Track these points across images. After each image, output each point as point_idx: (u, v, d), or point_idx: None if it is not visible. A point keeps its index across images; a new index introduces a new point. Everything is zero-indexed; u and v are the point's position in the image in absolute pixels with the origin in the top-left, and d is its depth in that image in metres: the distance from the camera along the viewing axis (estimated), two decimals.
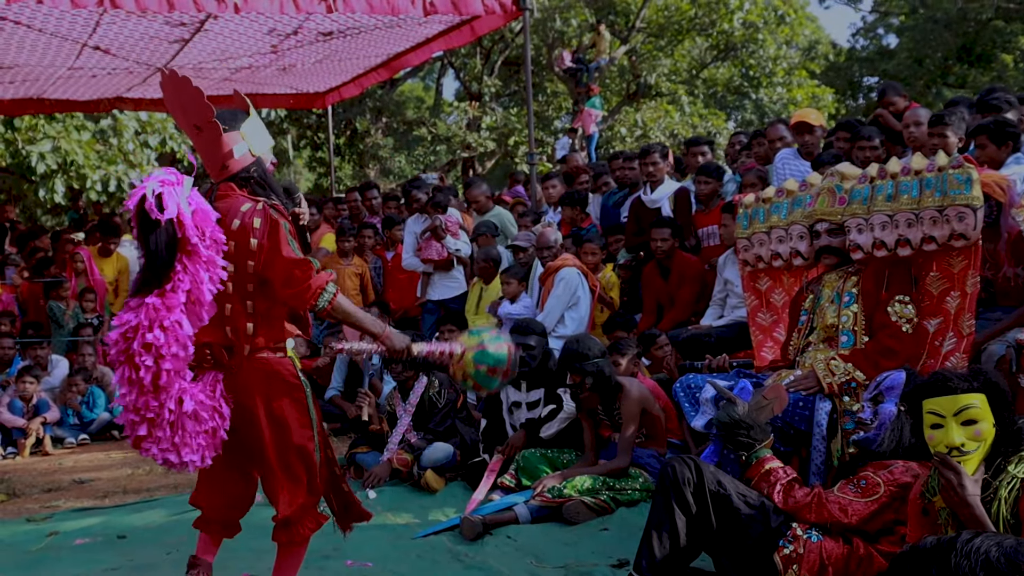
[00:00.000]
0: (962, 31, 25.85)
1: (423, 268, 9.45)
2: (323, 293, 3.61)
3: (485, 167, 23.47)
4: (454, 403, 6.98)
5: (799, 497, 3.75)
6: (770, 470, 3.87)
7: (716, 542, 3.87)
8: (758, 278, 5.44)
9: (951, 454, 3.10)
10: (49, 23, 8.85)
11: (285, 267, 3.60)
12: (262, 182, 3.79)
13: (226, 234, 3.55)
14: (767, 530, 3.73)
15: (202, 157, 3.81)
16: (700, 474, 3.85)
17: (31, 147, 13.19)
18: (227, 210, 3.62)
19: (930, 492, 3.27)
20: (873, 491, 3.61)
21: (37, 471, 7.95)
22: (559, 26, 21.10)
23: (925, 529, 3.31)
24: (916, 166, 4.51)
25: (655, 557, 3.86)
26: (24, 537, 5.70)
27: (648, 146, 8.93)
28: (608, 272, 8.46)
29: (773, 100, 24.04)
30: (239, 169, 3.74)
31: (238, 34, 9.74)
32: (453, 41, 10.68)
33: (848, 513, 3.62)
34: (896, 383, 3.90)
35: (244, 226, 3.61)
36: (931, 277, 4.53)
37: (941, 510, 3.22)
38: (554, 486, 5.44)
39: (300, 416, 3.80)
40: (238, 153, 3.72)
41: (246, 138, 3.75)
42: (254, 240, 3.60)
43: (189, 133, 3.77)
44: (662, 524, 3.87)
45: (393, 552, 4.99)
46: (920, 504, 3.32)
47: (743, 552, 3.78)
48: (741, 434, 3.95)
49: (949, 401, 3.15)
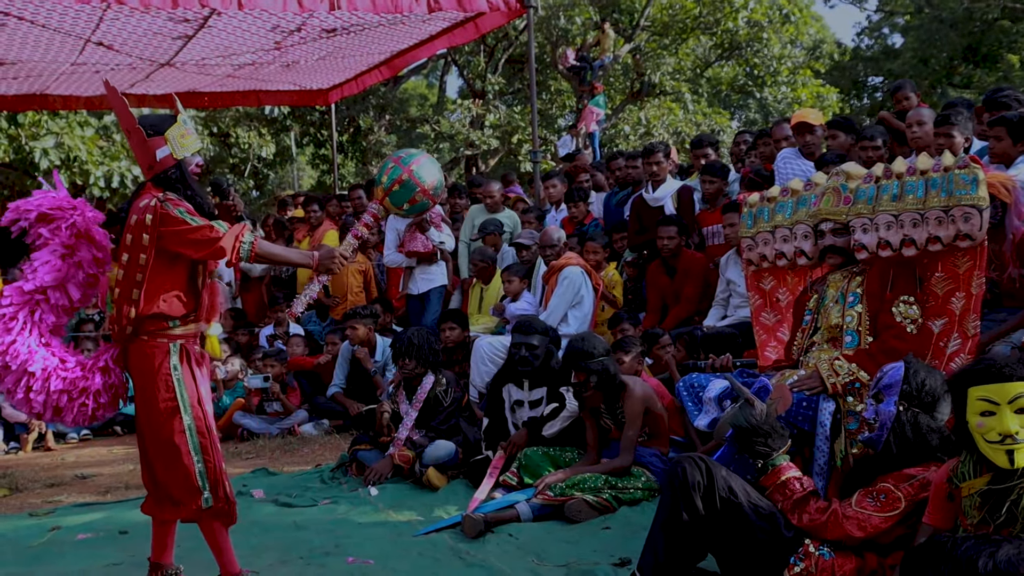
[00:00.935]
0: (968, 31, 25.82)
1: (406, 263, 9.42)
2: (242, 244, 4.05)
3: (488, 165, 23.45)
4: (459, 402, 6.97)
5: (814, 513, 3.68)
6: (787, 481, 3.80)
7: (724, 548, 3.85)
8: (762, 277, 5.42)
9: (1004, 442, 3.07)
10: (52, 19, 8.84)
11: (189, 238, 4.02)
12: (181, 182, 4.19)
13: (127, 228, 4.07)
14: (778, 543, 3.69)
15: (136, 157, 4.31)
16: (711, 478, 3.79)
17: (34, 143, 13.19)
18: (134, 207, 4.11)
19: (958, 478, 3.25)
20: (892, 506, 3.57)
21: (39, 466, 7.96)
22: (563, 24, 21.07)
23: (948, 514, 3.31)
24: (922, 166, 4.49)
25: (660, 558, 3.85)
26: (26, 532, 5.71)
27: (651, 145, 8.93)
28: (611, 270, 8.46)
29: (777, 99, 24.02)
30: (160, 171, 4.14)
31: (242, 30, 9.73)
32: (457, 38, 10.67)
33: (866, 530, 3.58)
34: (894, 380, 3.79)
35: (139, 221, 4.04)
36: (936, 278, 4.50)
37: (965, 498, 3.21)
38: (556, 484, 5.43)
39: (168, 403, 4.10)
40: (160, 155, 4.12)
41: (169, 142, 4.11)
42: (146, 236, 4.02)
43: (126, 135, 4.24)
44: (668, 526, 3.84)
45: (394, 550, 4.98)
46: (946, 489, 3.31)
47: (751, 562, 3.75)
48: (759, 441, 3.87)
49: (1003, 388, 3.09)
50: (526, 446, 6.10)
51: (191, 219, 4.05)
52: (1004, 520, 3.09)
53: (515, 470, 5.94)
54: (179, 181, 4.19)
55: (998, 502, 3.12)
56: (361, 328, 8.36)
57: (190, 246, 4.06)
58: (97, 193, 14.00)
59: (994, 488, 3.14)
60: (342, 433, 8.41)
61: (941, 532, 3.25)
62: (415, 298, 9.42)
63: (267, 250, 4.20)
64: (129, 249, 4.07)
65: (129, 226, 4.08)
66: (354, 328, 8.36)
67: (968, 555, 2.70)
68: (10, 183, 15.98)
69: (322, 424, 8.78)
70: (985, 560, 2.65)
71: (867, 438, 3.86)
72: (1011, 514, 3.08)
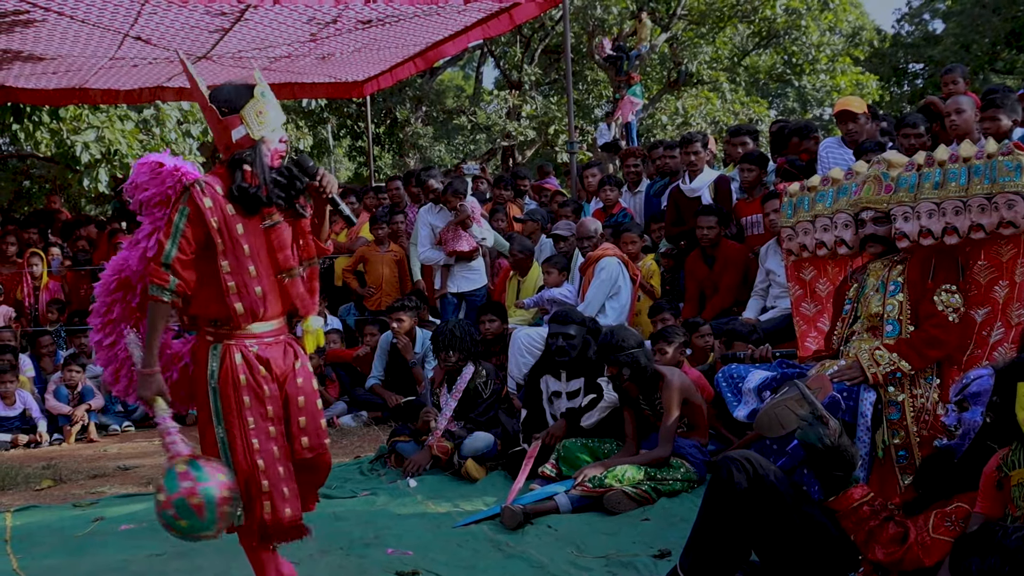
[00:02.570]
0: (1011, 15, 25.43)
1: (445, 260, 9.31)
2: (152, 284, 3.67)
3: (525, 156, 23.44)
4: (499, 393, 6.98)
5: (888, 546, 3.45)
6: (860, 508, 3.55)
7: (769, 553, 3.79)
8: (802, 267, 5.37)
9: None
10: (92, 14, 8.93)
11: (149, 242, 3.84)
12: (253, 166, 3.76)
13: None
14: (827, 551, 3.62)
15: (214, 138, 3.96)
16: (758, 482, 3.69)
17: (76, 137, 13.32)
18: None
19: (1008, 466, 3.21)
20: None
21: (82, 457, 8.04)
22: (599, 14, 20.98)
23: (996, 502, 3.26)
24: (964, 153, 4.43)
25: (703, 558, 3.81)
26: (70, 522, 5.77)
27: (689, 135, 8.88)
28: (649, 261, 8.42)
29: (816, 87, 23.84)
30: (235, 152, 3.77)
31: (278, 23, 9.78)
32: (492, 30, 10.65)
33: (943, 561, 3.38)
34: (983, 388, 3.58)
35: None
36: (979, 266, 4.44)
37: (1015, 487, 3.17)
38: (595, 476, 5.42)
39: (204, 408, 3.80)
40: (236, 136, 3.74)
41: (245, 120, 3.73)
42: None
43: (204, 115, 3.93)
44: (710, 529, 3.79)
45: (433, 541, 4.99)
46: (995, 477, 3.27)
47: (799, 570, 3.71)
48: (837, 469, 3.56)
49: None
50: (564, 437, 6.09)
51: (176, 225, 3.67)
52: None
53: (554, 461, 5.94)
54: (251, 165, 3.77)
55: None
56: (407, 320, 8.36)
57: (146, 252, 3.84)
58: None
59: None
60: (381, 425, 8.43)
61: (991, 521, 3.21)
62: (455, 296, 9.36)
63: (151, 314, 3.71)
64: None
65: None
66: (401, 320, 8.34)
67: (1017, 546, 2.66)
68: (52, 177, 16.17)
69: (361, 416, 8.81)
70: None
71: (945, 445, 3.69)
72: None
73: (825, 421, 3.58)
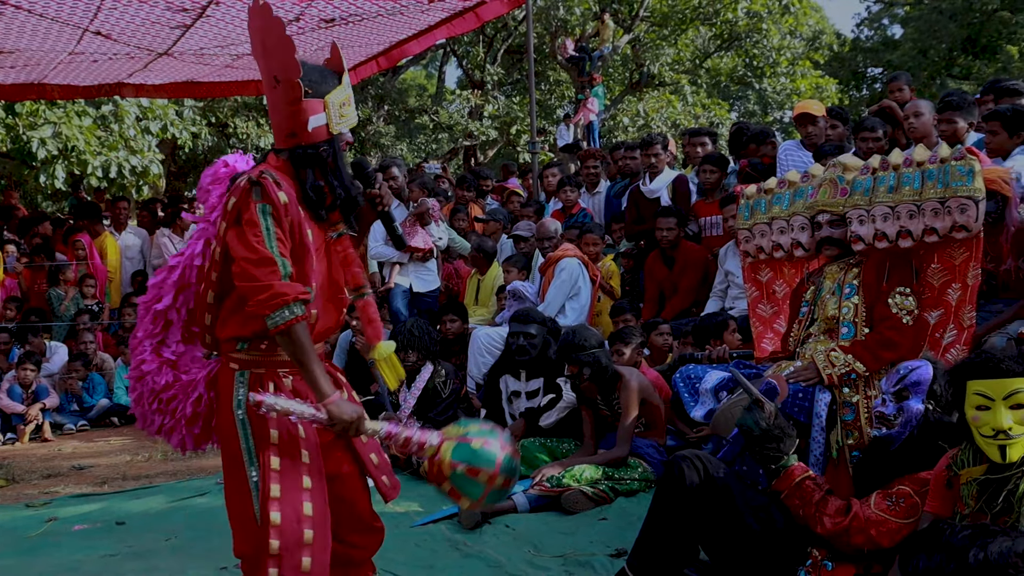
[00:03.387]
0: (967, 22, 25.79)
1: (398, 257, 8.85)
2: (283, 307, 2.91)
3: (487, 156, 23.44)
4: (458, 393, 6.98)
5: (835, 516, 3.59)
6: (802, 483, 3.70)
7: (719, 550, 3.83)
8: (759, 269, 5.42)
9: (997, 437, 3.07)
10: (50, 8, 8.81)
11: (243, 255, 2.94)
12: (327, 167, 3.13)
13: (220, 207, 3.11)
14: (777, 548, 3.67)
15: (271, 115, 3.16)
16: (709, 480, 3.76)
17: (32, 132, 13.15)
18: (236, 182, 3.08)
19: (957, 465, 3.26)
20: (911, 512, 3.52)
21: (36, 457, 7.96)
22: (562, 14, 21.01)
23: (946, 500, 3.32)
24: (918, 157, 4.49)
25: (651, 556, 3.84)
26: (23, 523, 5.72)
27: (650, 137, 8.92)
28: (608, 261, 8.46)
29: (776, 90, 23.99)
30: (309, 143, 3.07)
31: (240, 20, 9.69)
32: (456, 29, 10.61)
33: (885, 536, 3.52)
34: (923, 378, 3.74)
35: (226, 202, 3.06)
36: (932, 269, 4.51)
37: (964, 486, 3.22)
38: (553, 475, 5.44)
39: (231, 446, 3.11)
40: (313, 124, 3.05)
41: (329, 109, 3.06)
42: (223, 223, 3.02)
43: (265, 81, 3.09)
44: (661, 526, 3.83)
45: (391, 540, 4.93)
46: (946, 476, 3.32)
47: (748, 566, 3.73)
48: (771, 448, 3.72)
49: (999, 384, 3.09)
50: (523, 437, 6.10)
51: (268, 232, 2.96)
52: (1001, 509, 3.10)
53: None
54: (322, 165, 3.12)
55: (995, 491, 3.13)
56: None
57: (238, 268, 2.96)
58: (95, 183, 13.98)
59: (991, 477, 3.15)
60: None
61: (941, 519, 3.25)
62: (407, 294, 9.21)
63: (299, 340, 2.95)
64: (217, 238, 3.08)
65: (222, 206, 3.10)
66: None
67: (962, 544, 2.71)
68: (7, 173, 15.96)
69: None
70: (976, 551, 2.66)
71: (885, 434, 3.76)
72: (1008, 503, 3.09)
73: (761, 405, 3.73)
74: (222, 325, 3.13)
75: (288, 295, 2.90)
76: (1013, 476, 3.10)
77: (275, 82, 3.02)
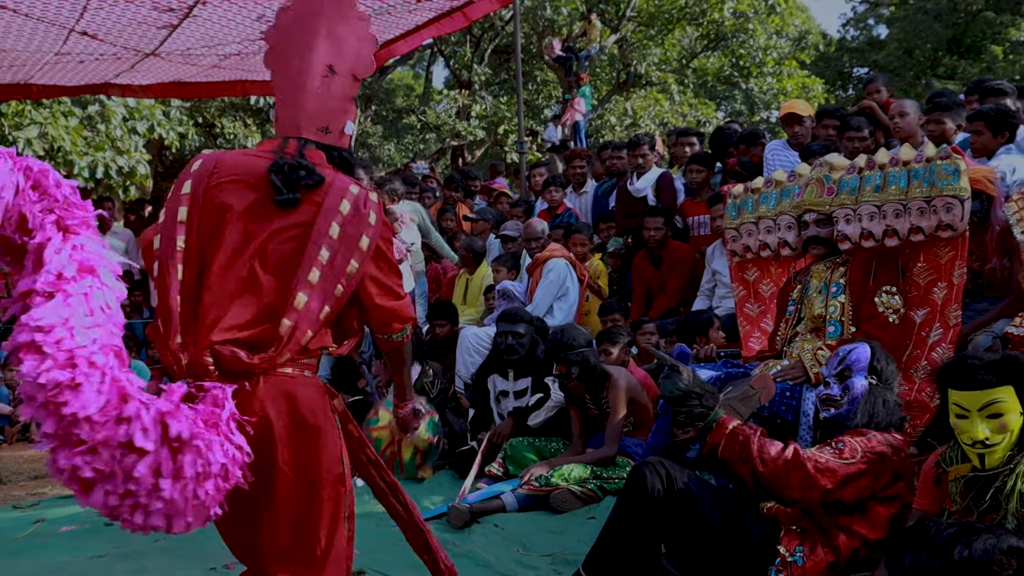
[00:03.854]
0: (952, 22, 25.90)
1: None
2: (407, 326, 2.96)
3: (474, 155, 23.44)
4: (445, 393, 6.98)
5: (776, 456, 3.53)
6: (734, 429, 3.62)
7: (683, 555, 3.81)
8: (746, 268, 5.44)
9: (975, 447, 3.12)
10: (35, 8, 8.78)
11: (388, 280, 2.84)
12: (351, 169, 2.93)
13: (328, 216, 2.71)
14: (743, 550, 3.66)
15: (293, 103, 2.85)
16: (672, 486, 3.75)
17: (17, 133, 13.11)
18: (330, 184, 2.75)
19: (946, 462, 3.29)
20: (850, 455, 3.55)
21: (23, 458, 7.93)
22: (549, 14, 21.03)
23: (934, 497, 3.34)
24: (904, 157, 4.51)
25: (610, 560, 3.83)
26: (10, 524, 5.69)
27: (637, 137, 8.95)
28: (596, 261, 8.47)
29: (763, 90, 24.03)
30: (338, 145, 2.89)
31: (227, 20, 9.68)
32: (444, 28, 10.60)
33: (824, 476, 3.49)
34: (862, 357, 3.85)
35: (357, 213, 2.74)
36: (918, 268, 4.53)
37: (952, 483, 3.25)
38: (541, 475, 5.45)
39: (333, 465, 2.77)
40: (349, 128, 2.93)
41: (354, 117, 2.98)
42: (366, 238, 2.74)
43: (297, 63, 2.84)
44: (621, 530, 3.82)
45: (380, 541, 4.98)
46: (934, 473, 3.35)
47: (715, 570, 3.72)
48: (693, 404, 3.68)
49: (975, 396, 3.13)
50: (511, 436, 6.11)
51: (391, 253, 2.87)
52: (988, 507, 3.13)
53: (500, 460, 5.95)
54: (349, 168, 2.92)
55: (982, 489, 3.16)
56: None
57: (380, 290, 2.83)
58: (81, 184, 13.95)
59: (978, 475, 3.18)
60: None
61: (928, 516, 3.28)
62: None
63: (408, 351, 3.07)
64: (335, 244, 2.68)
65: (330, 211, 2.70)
66: None
67: (947, 542, 2.73)
68: None
69: None
70: (961, 549, 2.68)
71: (835, 415, 3.83)
72: (995, 500, 3.11)
73: (678, 370, 3.76)
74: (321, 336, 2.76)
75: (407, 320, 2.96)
76: (1000, 474, 3.12)
77: (329, 71, 2.83)
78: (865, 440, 3.60)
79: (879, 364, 3.84)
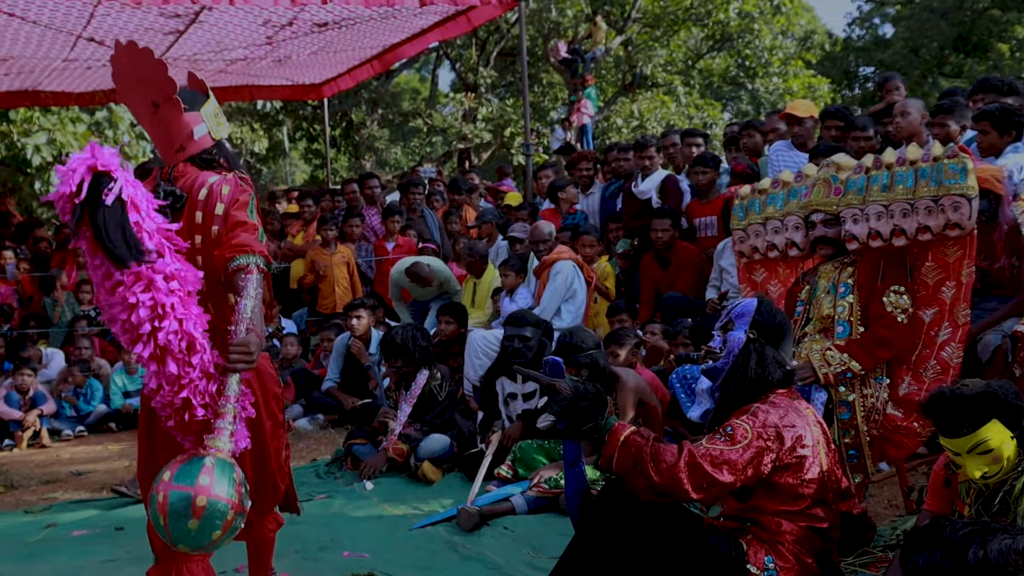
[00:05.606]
0: (958, 20, 25.88)
1: None
2: (246, 254, 3.19)
3: (481, 158, 23.45)
4: (454, 396, 6.98)
5: (670, 459, 3.28)
6: (628, 439, 3.33)
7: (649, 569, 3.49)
8: (754, 269, 5.44)
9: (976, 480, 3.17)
10: (43, 15, 8.84)
11: (233, 226, 3.28)
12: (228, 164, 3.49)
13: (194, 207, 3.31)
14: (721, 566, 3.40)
15: (155, 138, 3.50)
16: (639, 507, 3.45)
17: (26, 139, 13.17)
18: (191, 185, 3.35)
19: (955, 465, 3.29)
20: (741, 437, 3.31)
21: (34, 463, 7.96)
22: (555, 16, 21.07)
23: (945, 499, 3.34)
24: (911, 156, 4.51)
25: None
26: (22, 529, 5.71)
27: (644, 139, 8.96)
28: (604, 263, 8.48)
29: (769, 90, 24.04)
30: (199, 151, 3.43)
31: (233, 25, 9.73)
32: (449, 32, 10.67)
33: (724, 470, 3.27)
34: (747, 309, 3.66)
35: (212, 195, 3.32)
36: (926, 267, 4.52)
37: (962, 484, 3.25)
38: (551, 477, 5.45)
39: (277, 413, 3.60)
40: (198, 134, 3.42)
41: (206, 120, 3.45)
42: (220, 205, 3.30)
43: (143, 111, 3.44)
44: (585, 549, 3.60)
45: (390, 543, 5.00)
46: (943, 475, 3.34)
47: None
48: (582, 405, 3.37)
49: (961, 442, 3.15)
50: (521, 439, 6.12)
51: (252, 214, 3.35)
52: (998, 510, 3.13)
53: (510, 463, 5.96)
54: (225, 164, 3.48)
55: (992, 493, 3.16)
56: (366, 317, 8.34)
57: (227, 236, 3.29)
58: None
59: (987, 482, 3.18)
60: (337, 428, 8.41)
61: (942, 516, 3.28)
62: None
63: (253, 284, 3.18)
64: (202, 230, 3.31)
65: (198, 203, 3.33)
66: (360, 316, 8.32)
67: (962, 542, 2.71)
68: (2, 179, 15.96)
69: (317, 419, 8.78)
70: (976, 549, 2.66)
71: (711, 367, 3.67)
72: (1005, 504, 3.11)
73: (556, 388, 3.45)
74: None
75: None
76: (1009, 478, 3.12)
77: (154, 107, 3.38)
78: (751, 417, 3.38)
79: (763, 318, 3.63)
